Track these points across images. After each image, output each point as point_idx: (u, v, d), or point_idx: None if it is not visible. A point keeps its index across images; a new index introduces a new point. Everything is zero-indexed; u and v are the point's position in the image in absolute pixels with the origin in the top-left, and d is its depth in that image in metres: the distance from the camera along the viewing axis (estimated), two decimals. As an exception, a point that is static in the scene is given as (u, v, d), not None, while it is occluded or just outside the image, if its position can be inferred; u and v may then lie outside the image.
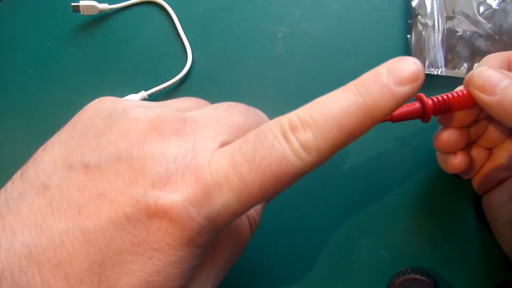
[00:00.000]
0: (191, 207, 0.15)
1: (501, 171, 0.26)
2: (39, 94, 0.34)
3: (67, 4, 0.34)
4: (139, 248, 0.14)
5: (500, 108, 0.21)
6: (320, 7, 0.36)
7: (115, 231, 0.14)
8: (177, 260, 0.15)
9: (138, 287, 0.15)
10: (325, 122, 0.16)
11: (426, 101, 0.23)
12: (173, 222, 0.14)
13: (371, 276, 0.28)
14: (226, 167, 0.15)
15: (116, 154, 0.15)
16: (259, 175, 0.15)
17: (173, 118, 0.16)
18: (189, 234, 0.15)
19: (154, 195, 0.14)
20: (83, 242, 0.14)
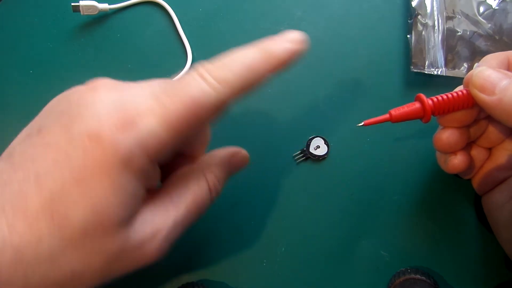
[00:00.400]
0: (117, 132, 0.17)
1: (501, 171, 0.26)
2: (39, 94, 0.34)
3: (67, 4, 0.34)
4: (80, 180, 0.17)
5: (499, 107, 0.21)
6: (320, 7, 0.36)
7: (59, 170, 0.17)
8: (114, 187, 0.17)
9: (84, 216, 0.17)
10: (233, 62, 0.20)
11: (426, 101, 0.23)
12: (102, 145, 0.17)
13: (371, 276, 0.28)
14: (149, 100, 0.18)
15: (59, 113, 0.19)
16: (179, 103, 0.18)
17: (106, 80, 0.20)
18: (119, 156, 0.17)
19: (87, 129, 0.17)
20: (35, 185, 0.17)
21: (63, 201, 0.17)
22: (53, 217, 0.17)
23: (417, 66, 0.32)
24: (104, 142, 0.17)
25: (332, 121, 0.32)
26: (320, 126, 0.32)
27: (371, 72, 0.33)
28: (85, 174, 0.17)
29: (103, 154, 0.17)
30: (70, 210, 0.17)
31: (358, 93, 0.33)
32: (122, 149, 0.17)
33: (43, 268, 0.17)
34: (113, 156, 0.17)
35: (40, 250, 0.17)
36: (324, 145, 0.30)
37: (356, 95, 0.33)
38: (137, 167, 0.18)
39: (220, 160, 0.24)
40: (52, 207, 0.17)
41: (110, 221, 0.18)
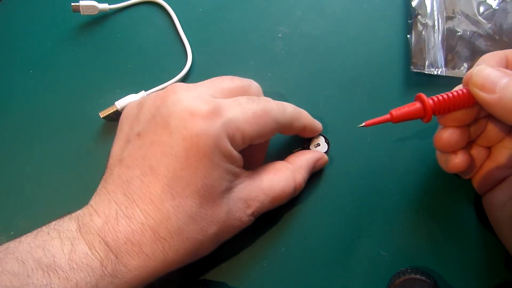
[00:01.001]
0: (206, 120, 0.22)
1: (501, 169, 0.26)
2: (39, 94, 0.34)
3: (67, 4, 0.34)
4: (186, 164, 0.21)
5: (500, 106, 0.21)
6: (320, 7, 0.36)
7: (168, 160, 0.21)
8: (212, 163, 0.22)
9: (196, 191, 0.22)
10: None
11: (426, 101, 0.23)
12: (197, 133, 0.21)
13: (371, 276, 0.28)
14: (230, 102, 0.23)
15: (151, 117, 0.23)
16: (254, 106, 0.24)
17: (179, 84, 0.24)
18: (211, 139, 0.21)
19: (181, 122, 0.22)
20: (153, 176, 0.22)
21: (178, 183, 0.21)
22: (174, 197, 0.21)
23: (417, 66, 0.32)
24: (198, 130, 0.21)
25: (332, 121, 0.32)
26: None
27: (371, 72, 0.33)
28: (189, 158, 0.21)
29: (199, 140, 0.21)
30: (185, 189, 0.21)
31: (358, 93, 0.33)
32: (212, 133, 0.21)
33: (175, 241, 0.22)
34: (207, 139, 0.21)
35: (170, 226, 0.21)
36: (325, 144, 0.30)
37: (356, 95, 0.33)
38: (225, 147, 0.22)
39: (307, 163, 0.28)
40: (171, 190, 0.21)
41: (216, 191, 0.22)
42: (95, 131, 0.32)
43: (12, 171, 0.32)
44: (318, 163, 0.29)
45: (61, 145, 0.32)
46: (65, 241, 0.21)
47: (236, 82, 0.26)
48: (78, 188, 0.31)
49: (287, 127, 0.26)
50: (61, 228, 0.22)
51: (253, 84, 0.27)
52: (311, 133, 0.29)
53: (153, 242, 0.21)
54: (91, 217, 0.22)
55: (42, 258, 0.21)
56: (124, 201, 0.22)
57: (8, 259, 0.20)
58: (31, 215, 0.30)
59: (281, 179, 0.26)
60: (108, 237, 0.21)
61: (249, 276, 0.28)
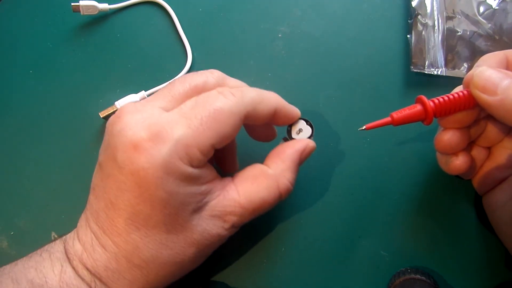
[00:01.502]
0: (151, 148, 0.20)
1: (501, 170, 0.26)
2: (39, 94, 0.34)
3: (67, 4, 0.34)
4: (141, 197, 0.21)
5: (502, 108, 0.21)
6: (320, 7, 0.36)
7: (123, 194, 0.21)
8: (169, 192, 0.21)
9: (160, 221, 0.21)
10: None
11: (427, 103, 0.23)
12: (143, 165, 0.20)
13: (371, 276, 0.28)
14: (174, 116, 0.21)
15: (106, 147, 0.22)
16: (200, 110, 0.21)
17: (127, 105, 0.23)
18: (160, 168, 0.20)
19: (126, 155, 0.20)
20: (114, 210, 0.21)
21: (139, 217, 0.21)
22: (139, 228, 0.21)
23: (417, 66, 0.32)
24: (143, 163, 0.20)
25: (332, 121, 0.32)
26: (319, 126, 0.32)
27: (371, 72, 0.33)
28: (142, 193, 0.20)
29: (146, 173, 0.20)
30: (148, 221, 0.21)
31: (358, 93, 0.33)
32: (159, 163, 0.20)
33: (152, 267, 0.22)
34: (155, 171, 0.20)
35: (142, 255, 0.21)
36: (307, 127, 0.27)
37: (356, 95, 0.33)
38: (178, 172, 0.21)
39: (291, 162, 0.25)
40: (134, 222, 0.21)
41: (181, 217, 0.21)
42: (95, 131, 0.32)
43: (12, 171, 0.32)
44: (303, 154, 0.26)
45: (61, 145, 0.32)
46: (55, 262, 0.22)
47: (189, 82, 0.23)
48: (78, 188, 0.31)
49: (252, 115, 0.23)
50: (51, 249, 0.23)
51: (210, 78, 0.24)
52: (286, 118, 0.26)
53: (130, 268, 0.21)
54: (73, 242, 0.23)
55: (35, 278, 0.21)
56: (97, 230, 0.22)
57: (4, 279, 0.21)
58: (31, 215, 0.30)
59: (260, 189, 0.24)
60: (87, 264, 0.22)
61: (249, 276, 0.28)
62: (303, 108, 0.32)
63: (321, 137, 0.31)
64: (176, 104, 0.23)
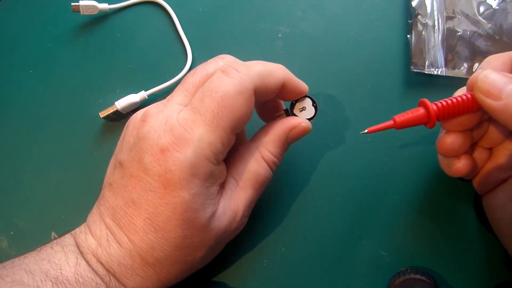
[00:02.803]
0: (176, 151, 0.21)
1: (501, 171, 0.26)
2: (39, 94, 0.34)
3: (67, 4, 0.34)
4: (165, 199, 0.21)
5: (506, 113, 0.21)
6: (320, 7, 0.36)
7: (147, 195, 0.21)
8: (192, 195, 0.21)
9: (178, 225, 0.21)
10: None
11: (430, 107, 0.22)
12: (170, 167, 0.21)
13: (371, 276, 0.28)
14: (189, 114, 0.22)
15: (131, 147, 0.23)
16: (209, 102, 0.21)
17: (150, 107, 0.24)
18: (185, 171, 0.21)
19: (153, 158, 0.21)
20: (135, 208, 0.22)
21: (159, 218, 0.21)
22: (156, 230, 0.21)
23: (417, 66, 0.32)
24: (171, 165, 0.21)
25: (332, 121, 0.32)
26: (320, 126, 0.32)
27: (371, 72, 0.33)
28: (167, 194, 0.21)
29: (173, 175, 0.21)
30: (166, 224, 0.21)
31: (358, 93, 0.33)
32: (186, 165, 0.21)
33: (164, 266, 0.22)
34: (182, 173, 0.21)
35: (156, 255, 0.22)
36: (312, 107, 0.26)
37: (356, 95, 0.33)
38: (202, 172, 0.21)
39: (275, 136, 0.25)
40: (153, 223, 0.21)
41: (199, 221, 0.22)
42: (95, 131, 0.32)
43: (12, 171, 0.32)
44: (293, 132, 0.25)
45: (61, 145, 0.32)
46: (69, 255, 0.22)
47: (200, 72, 0.24)
48: (78, 188, 0.31)
49: (260, 89, 0.23)
50: (63, 243, 0.23)
51: (220, 64, 0.24)
52: (294, 92, 0.25)
53: (143, 266, 0.22)
54: (85, 236, 0.23)
55: (50, 270, 0.21)
56: (113, 226, 0.22)
57: (16, 270, 0.21)
58: (31, 215, 0.30)
59: (249, 164, 0.24)
60: (102, 259, 0.22)
61: (249, 276, 0.28)
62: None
63: (321, 137, 0.31)
64: (191, 98, 0.23)
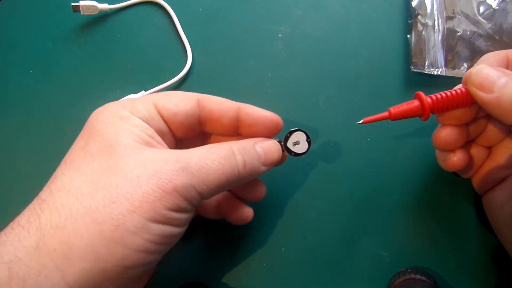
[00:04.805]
0: None
1: (501, 169, 0.26)
2: (39, 94, 0.34)
3: (67, 4, 0.34)
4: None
5: (498, 105, 0.21)
6: (320, 7, 0.36)
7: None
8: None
9: None
10: None
11: (424, 99, 0.23)
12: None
13: (371, 276, 0.28)
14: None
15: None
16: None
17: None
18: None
19: None
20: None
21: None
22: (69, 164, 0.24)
23: (417, 66, 0.32)
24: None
25: (332, 121, 0.32)
26: (320, 126, 0.32)
27: (371, 72, 0.33)
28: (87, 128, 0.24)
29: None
30: (84, 155, 0.23)
31: (358, 93, 0.33)
32: (111, 108, 0.24)
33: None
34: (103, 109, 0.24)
35: None
36: (305, 142, 0.26)
37: (356, 94, 0.33)
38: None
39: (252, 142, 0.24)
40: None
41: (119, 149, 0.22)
42: (95, 131, 0.32)
43: (12, 171, 0.32)
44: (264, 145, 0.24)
45: (61, 145, 0.32)
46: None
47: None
48: (78, 188, 0.31)
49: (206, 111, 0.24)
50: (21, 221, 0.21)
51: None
52: (259, 126, 0.25)
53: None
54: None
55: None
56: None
57: None
58: (31, 215, 0.30)
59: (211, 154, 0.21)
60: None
61: (249, 276, 0.28)
62: (303, 108, 0.32)
63: (321, 137, 0.31)
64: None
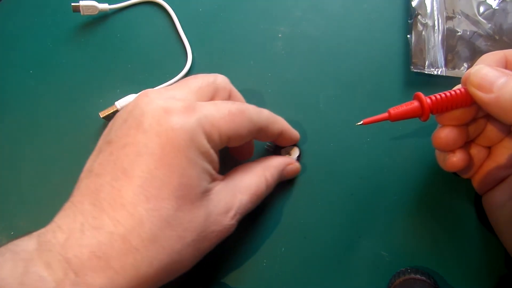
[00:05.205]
0: (181, 115, 0.21)
1: (501, 169, 0.26)
2: (39, 94, 0.34)
3: (67, 4, 0.34)
4: (161, 162, 0.20)
5: (497, 105, 0.21)
6: (320, 7, 0.36)
7: (142, 159, 0.20)
8: (189, 161, 0.21)
9: (173, 191, 0.20)
10: None
11: (424, 100, 0.23)
12: (172, 128, 0.20)
13: (371, 276, 0.28)
14: (204, 102, 0.23)
15: (122, 122, 0.22)
16: (229, 105, 0.23)
17: (150, 89, 0.23)
18: (187, 134, 0.20)
19: (154, 119, 0.21)
20: (125, 178, 0.20)
21: (153, 183, 0.20)
22: (148, 200, 0.20)
23: (417, 66, 0.32)
24: (173, 124, 0.20)
25: (332, 121, 0.32)
26: (320, 126, 0.32)
27: (371, 72, 0.33)
28: (164, 155, 0.20)
29: (174, 134, 0.20)
30: (161, 190, 0.20)
31: (357, 93, 0.33)
32: (188, 128, 0.21)
33: (149, 250, 0.19)
34: (182, 134, 0.20)
35: (143, 233, 0.19)
36: (296, 148, 0.30)
37: (356, 95, 0.33)
38: (201, 143, 0.21)
39: (278, 163, 0.28)
40: (145, 191, 0.20)
41: (194, 192, 0.21)
42: (95, 131, 0.32)
43: (12, 171, 0.32)
44: (289, 168, 0.29)
45: (61, 145, 0.32)
46: (18, 263, 0.19)
47: (201, 78, 0.25)
48: (78, 188, 0.31)
49: (263, 129, 0.26)
50: (17, 248, 0.19)
51: (219, 77, 0.26)
52: (288, 140, 0.29)
53: (123, 253, 0.19)
54: (53, 234, 0.19)
55: None
56: (92, 211, 0.20)
57: None
58: (31, 215, 0.30)
59: (253, 177, 0.25)
60: (70, 253, 0.19)
61: (249, 276, 0.28)
62: (303, 108, 0.32)
63: (321, 137, 0.31)
64: (195, 95, 0.24)
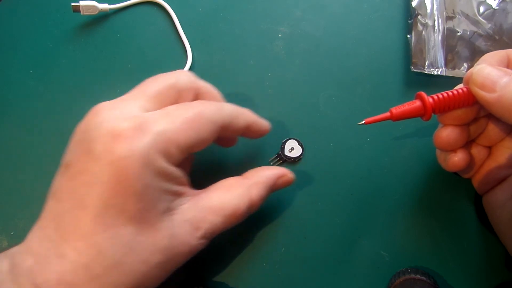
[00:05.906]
0: (132, 138, 0.20)
1: (501, 169, 0.26)
2: (39, 94, 0.34)
3: (67, 4, 0.34)
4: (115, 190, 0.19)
5: (500, 105, 0.21)
6: (320, 7, 0.36)
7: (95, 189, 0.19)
8: (145, 185, 0.20)
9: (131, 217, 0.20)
10: None
11: (426, 99, 0.23)
12: (122, 154, 0.19)
13: (371, 276, 0.28)
14: (156, 113, 0.21)
15: (78, 144, 0.21)
16: (183, 112, 0.22)
17: (103, 103, 0.22)
18: (139, 159, 0.19)
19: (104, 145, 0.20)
20: (82, 209, 0.19)
21: (109, 213, 0.19)
22: (106, 229, 0.19)
23: (417, 66, 0.32)
24: (124, 152, 0.19)
25: (332, 121, 0.32)
26: (320, 126, 0.32)
27: (371, 72, 0.33)
28: (118, 183, 0.19)
29: (126, 162, 0.19)
30: (118, 218, 0.19)
31: (358, 93, 0.33)
32: (140, 152, 0.19)
33: (113, 277, 0.19)
34: (135, 160, 0.19)
35: (104, 261, 0.19)
36: (298, 146, 0.30)
37: (356, 95, 0.33)
38: (156, 166, 0.20)
39: (267, 179, 0.25)
40: (102, 220, 0.19)
41: (153, 213, 0.20)
42: (95, 131, 0.32)
43: (12, 171, 0.32)
44: (281, 180, 0.26)
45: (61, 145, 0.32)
46: None
47: (161, 81, 0.24)
48: (78, 188, 0.31)
49: (227, 126, 0.24)
50: None
51: (181, 76, 0.24)
52: (257, 132, 0.27)
53: (86, 281, 0.19)
54: (23, 257, 0.20)
55: None
56: (56, 239, 0.20)
57: None
58: (31, 215, 0.30)
59: (233, 196, 0.23)
60: (38, 279, 0.19)
61: (249, 276, 0.28)
62: (303, 108, 0.32)
63: (321, 137, 0.31)
64: (153, 102, 0.23)
